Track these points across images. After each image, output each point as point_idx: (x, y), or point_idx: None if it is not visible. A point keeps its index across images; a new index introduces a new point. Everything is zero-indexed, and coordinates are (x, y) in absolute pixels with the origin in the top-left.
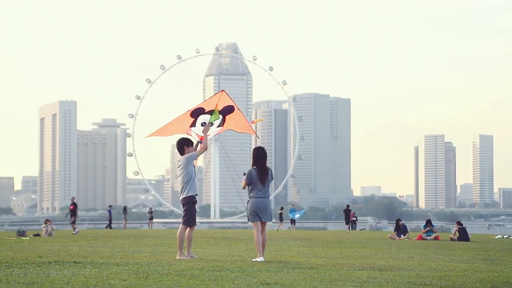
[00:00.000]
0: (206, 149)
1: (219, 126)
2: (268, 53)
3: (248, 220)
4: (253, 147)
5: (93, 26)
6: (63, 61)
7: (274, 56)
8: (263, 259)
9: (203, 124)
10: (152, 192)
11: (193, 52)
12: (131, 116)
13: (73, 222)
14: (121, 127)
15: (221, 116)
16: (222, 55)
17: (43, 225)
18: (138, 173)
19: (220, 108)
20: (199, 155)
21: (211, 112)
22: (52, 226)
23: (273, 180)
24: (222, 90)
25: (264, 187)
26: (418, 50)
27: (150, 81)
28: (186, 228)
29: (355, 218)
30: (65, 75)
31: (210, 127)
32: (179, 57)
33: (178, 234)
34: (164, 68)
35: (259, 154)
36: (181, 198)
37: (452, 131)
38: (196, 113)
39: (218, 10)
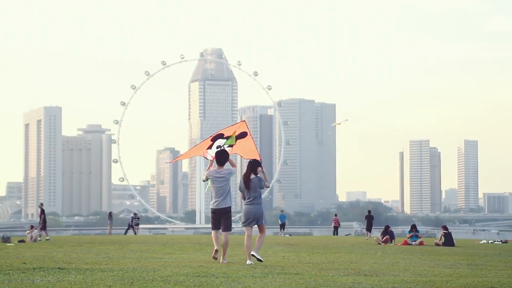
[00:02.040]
0: (236, 167)
1: (229, 146)
2: (253, 58)
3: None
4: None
5: (77, 32)
6: (48, 67)
7: (259, 61)
8: (254, 254)
9: (218, 147)
10: (137, 198)
11: (177, 58)
12: (116, 122)
13: (45, 228)
14: (106, 132)
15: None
16: (207, 60)
17: (28, 231)
18: (123, 179)
19: (237, 133)
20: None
21: (228, 138)
22: (39, 232)
23: (262, 189)
24: (244, 121)
25: (249, 194)
26: (403, 55)
27: (135, 87)
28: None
29: (337, 225)
30: (50, 81)
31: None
32: (163, 63)
33: (226, 241)
34: (149, 74)
35: (248, 166)
36: (223, 206)
37: (437, 136)
38: (216, 138)
39: (203, 15)
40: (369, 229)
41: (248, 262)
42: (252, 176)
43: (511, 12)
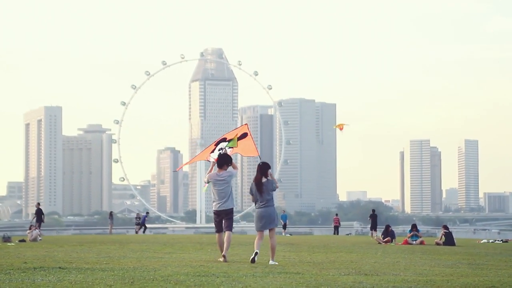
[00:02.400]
0: (237, 169)
1: (230, 148)
2: (253, 58)
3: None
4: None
5: (78, 32)
6: (48, 67)
7: (259, 61)
8: (257, 253)
9: (220, 149)
10: (138, 198)
11: (178, 58)
12: (117, 122)
13: (37, 227)
14: (106, 132)
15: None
16: (207, 60)
17: (28, 230)
18: (124, 179)
19: (238, 135)
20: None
21: (230, 140)
22: (38, 231)
23: (274, 191)
24: (246, 124)
25: (262, 197)
26: (403, 55)
27: (135, 87)
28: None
29: (338, 224)
30: (50, 80)
31: (224, 151)
32: (164, 63)
33: (229, 239)
34: (149, 74)
35: (257, 169)
36: (225, 208)
37: (438, 136)
38: (219, 142)
39: (203, 15)
40: (373, 228)
41: (256, 250)
42: (264, 179)
43: (511, 12)
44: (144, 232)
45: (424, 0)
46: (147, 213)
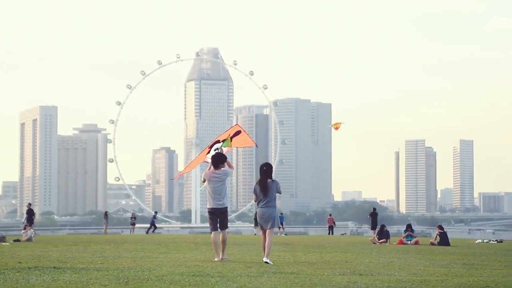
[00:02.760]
0: (233, 169)
1: (225, 147)
2: (248, 58)
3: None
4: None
5: (73, 31)
6: (44, 67)
7: (254, 61)
8: (267, 260)
9: (216, 149)
10: (133, 197)
11: (173, 57)
12: (112, 122)
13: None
14: (102, 132)
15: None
16: (203, 60)
17: (23, 230)
18: (119, 179)
19: (231, 135)
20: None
21: (224, 141)
22: (33, 231)
23: (278, 193)
24: (237, 124)
25: (265, 198)
26: (399, 55)
27: (131, 86)
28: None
29: (333, 224)
30: (45, 80)
31: (220, 150)
32: (159, 63)
33: (225, 238)
34: (145, 73)
35: (260, 170)
36: (220, 206)
37: (433, 136)
38: (213, 144)
39: (199, 15)
40: (374, 227)
41: (265, 260)
42: (269, 180)
43: (511, 12)
44: (153, 232)
45: (424, 0)
46: (156, 213)
